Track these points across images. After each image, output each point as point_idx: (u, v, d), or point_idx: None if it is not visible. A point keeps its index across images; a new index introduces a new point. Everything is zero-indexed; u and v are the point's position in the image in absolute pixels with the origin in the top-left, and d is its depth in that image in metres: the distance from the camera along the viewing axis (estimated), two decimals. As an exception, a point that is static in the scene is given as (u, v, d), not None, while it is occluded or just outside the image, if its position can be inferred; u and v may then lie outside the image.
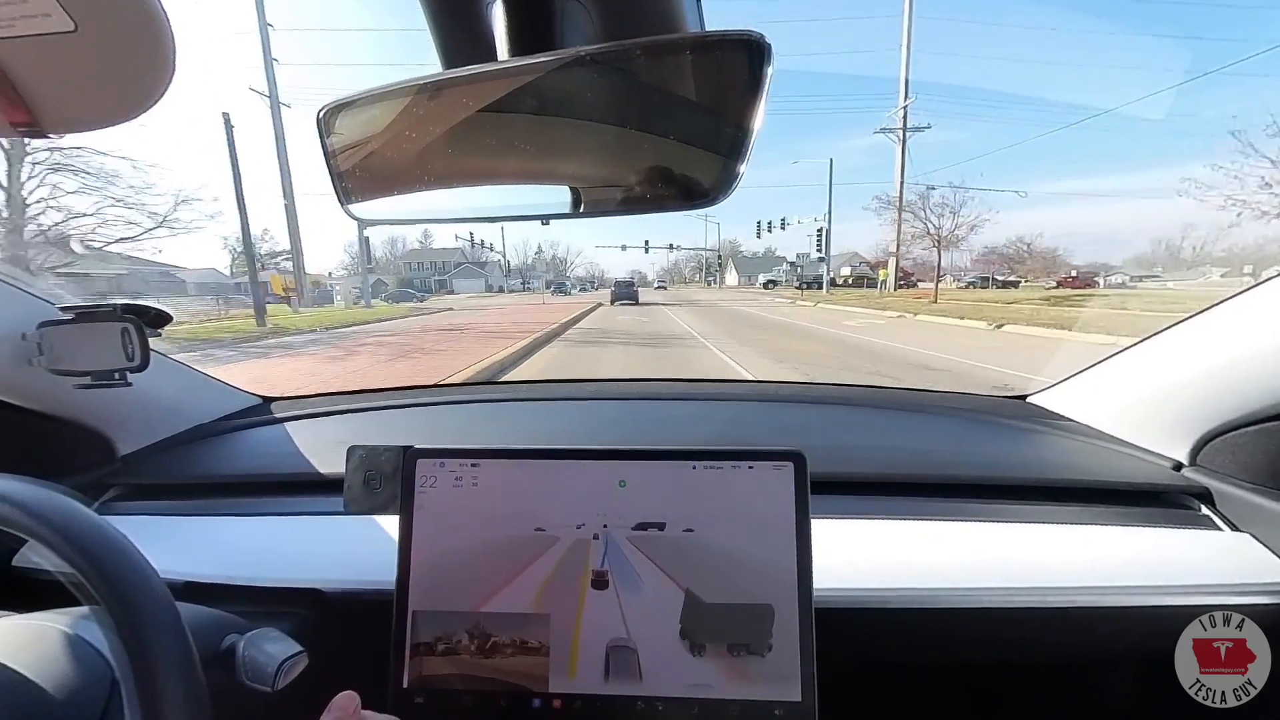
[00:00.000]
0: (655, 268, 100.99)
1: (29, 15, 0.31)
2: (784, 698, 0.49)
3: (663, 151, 0.46)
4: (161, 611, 0.41)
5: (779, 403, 1.18)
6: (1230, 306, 0.71)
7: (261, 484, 0.87)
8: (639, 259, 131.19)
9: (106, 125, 0.39)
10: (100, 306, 0.78)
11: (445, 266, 73.27)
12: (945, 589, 0.64)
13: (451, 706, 0.51)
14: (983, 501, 0.76)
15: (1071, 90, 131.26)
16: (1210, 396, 0.73)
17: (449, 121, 0.48)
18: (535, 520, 0.53)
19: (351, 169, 0.52)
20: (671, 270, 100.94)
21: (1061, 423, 0.96)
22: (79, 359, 0.77)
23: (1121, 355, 0.88)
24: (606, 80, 0.45)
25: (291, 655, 0.51)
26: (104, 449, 0.90)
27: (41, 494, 0.43)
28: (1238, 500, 0.70)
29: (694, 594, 0.51)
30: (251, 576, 0.68)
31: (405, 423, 1.11)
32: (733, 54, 0.41)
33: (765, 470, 0.52)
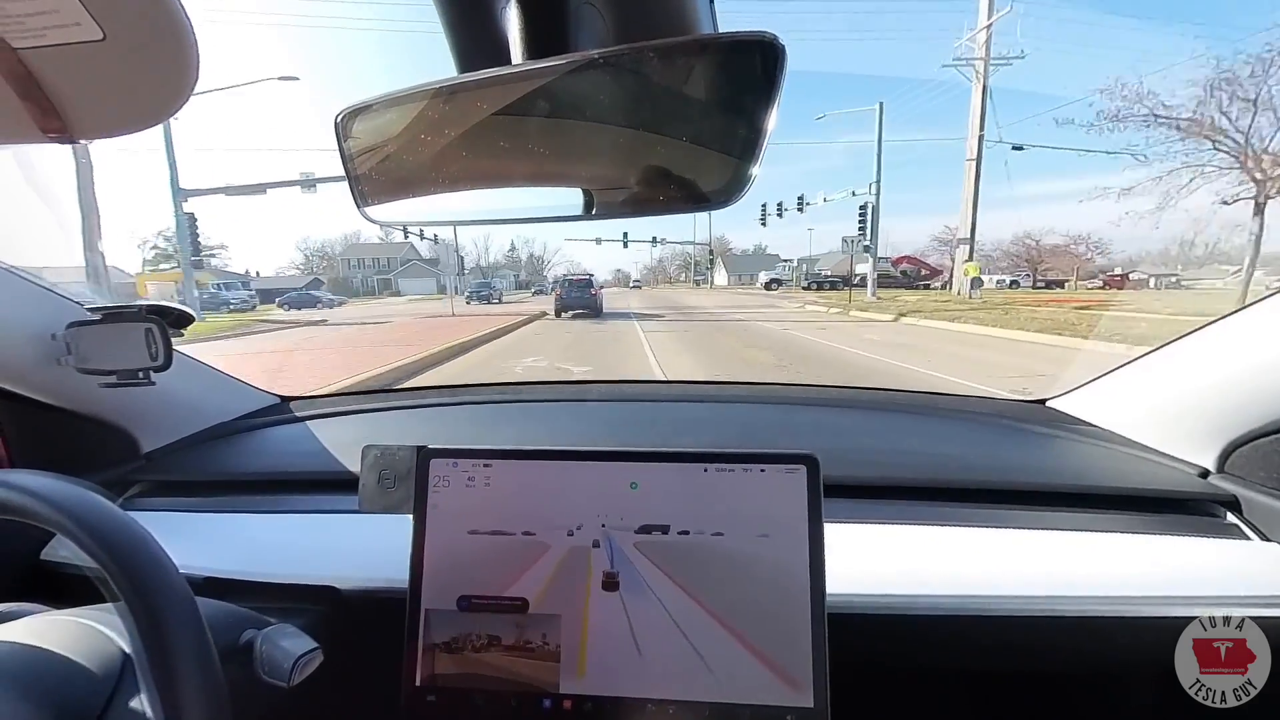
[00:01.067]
0: (639, 266, 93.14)
1: (59, 25, 0.32)
2: (796, 703, 0.48)
3: (675, 153, 0.46)
4: (180, 606, 0.42)
5: (792, 405, 1.17)
6: (1257, 311, 0.69)
7: (280, 482, 0.88)
8: (621, 255, 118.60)
9: (134, 130, 0.40)
10: (127, 307, 0.80)
11: (391, 264, 61.65)
12: (962, 596, 0.63)
13: (463, 705, 0.52)
14: (1001, 507, 0.75)
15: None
16: (1238, 402, 0.70)
17: (464, 124, 0.49)
18: (546, 520, 0.54)
19: (368, 172, 0.52)
20: (655, 269, 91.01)
21: (1082, 428, 0.93)
22: (105, 358, 0.79)
23: (1145, 359, 0.86)
24: (619, 82, 0.45)
25: (307, 651, 0.52)
26: (128, 446, 0.92)
27: (67, 489, 0.45)
28: (1268, 509, 0.68)
29: (704, 596, 0.51)
30: (269, 573, 0.69)
31: (420, 423, 1.12)
32: (746, 56, 0.41)
33: (778, 473, 0.52)
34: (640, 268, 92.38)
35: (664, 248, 77.29)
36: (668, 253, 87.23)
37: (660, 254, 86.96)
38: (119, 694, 0.44)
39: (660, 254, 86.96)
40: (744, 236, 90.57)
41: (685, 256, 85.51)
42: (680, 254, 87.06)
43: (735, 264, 73.67)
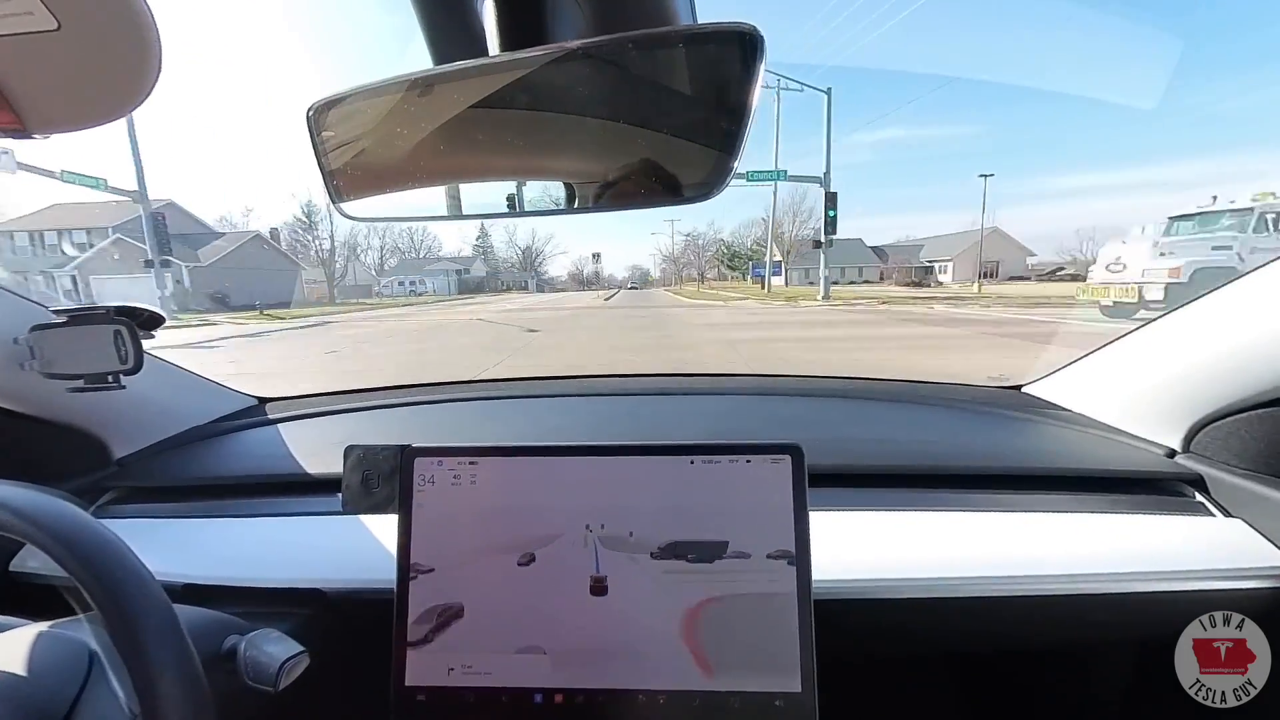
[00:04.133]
0: (657, 258, 72.34)
1: (11, 14, 0.30)
2: (784, 689, 0.49)
3: (655, 146, 0.46)
4: (158, 613, 0.41)
5: (776, 396, 1.18)
6: (1222, 295, 0.71)
7: (259, 485, 0.86)
8: (638, 249, 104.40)
9: (93, 125, 0.38)
10: (93, 309, 0.77)
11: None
12: (942, 579, 0.65)
13: (453, 704, 0.51)
14: (978, 491, 0.77)
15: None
16: (1203, 384, 0.73)
17: (440, 117, 0.48)
18: (534, 517, 0.53)
19: (342, 167, 0.51)
20: (679, 260, 65.77)
21: (1056, 412, 0.96)
22: (72, 362, 0.76)
23: (1116, 344, 0.89)
24: (598, 74, 0.45)
25: (293, 655, 0.51)
26: (99, 452, 0.89)
27: (35, 498, 0.43)
28: (1230, 486, 0.71)
29: (691, 587, 0.51)
30: (250, 578, 0.68)
31: (401, 422, 1.11)
32: (725, 46, 0.41)
33: (763, 464, 0.52)
34: (665, 259, 69.22)
35: (703, 233, 58.15)
36: (709, 238, 62.84)
37: (677, 242, 64.68)
38: (88, 689, 0.43)
39: (677, 242, 64.68)
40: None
41: (722, 245, 61.38)
42: (712, 243, 61.64)
43: (803, 259, 44.07)
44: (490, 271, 68.57)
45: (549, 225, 66.20)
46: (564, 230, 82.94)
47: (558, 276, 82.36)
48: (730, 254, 55.00)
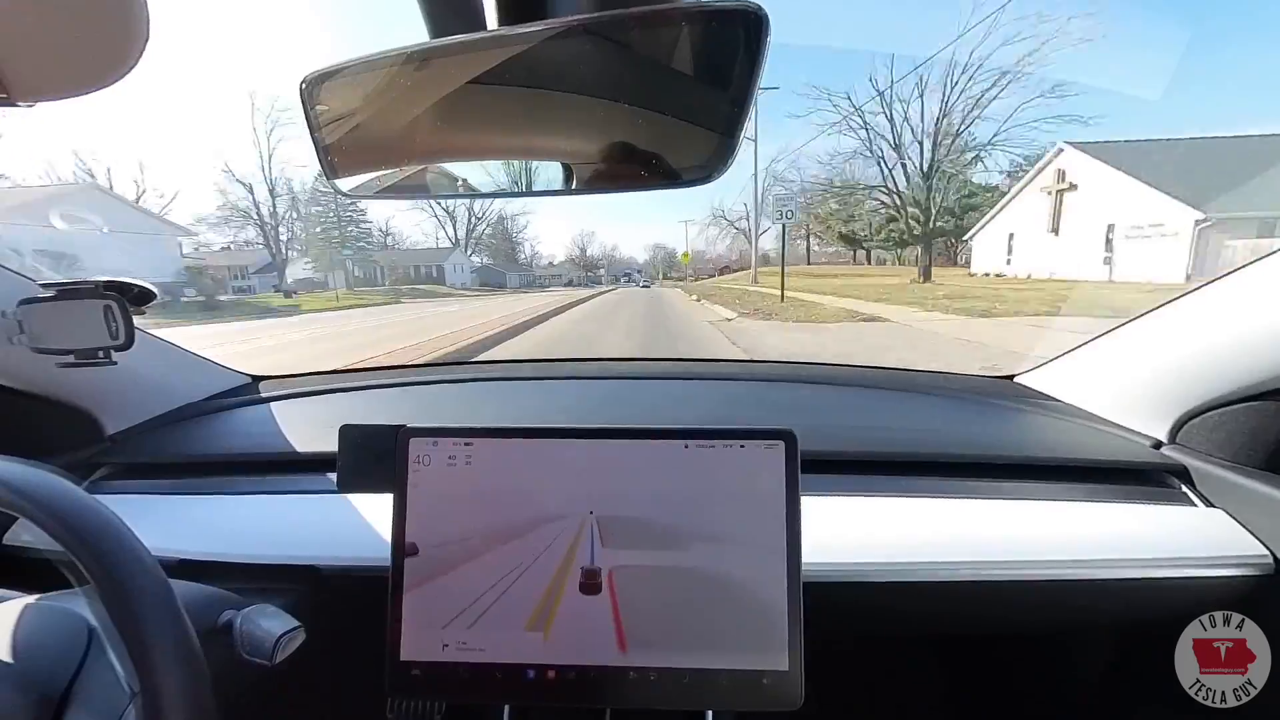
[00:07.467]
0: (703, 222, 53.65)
1: None
2: (772, 667, 0.50)
3: (656, 127, 0.45)
4: (154, 586, 0.41)
5: (771, 382, 1.18)
6: (1211, 290, 0.72)
7: (253, 463, 0.86)
8: (667, 230, 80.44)
9: (79, 93, 0.37)
10: (82, 284, 0.76)
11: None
12: (930, 563, 0.66)
13: (448, 678, 0.52)
14: (968, 479, 0.78)
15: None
16: (1190, 377, 0.74)
17: (436, 93, 0.47)
18: (528, 497, 0.54)
19: (338, 142, 0.50)
20: (700, 250, 52.27)
21: (1047, 402, 0.97)
22: (61, 337, 0.75)
23: (1107, 336, 0.89)
24: (599, 52, 0.44)
25: (289, 630, 0.52)
26: (91, 428, 0.89)
27: (29, 472, 0.43)
28: (1213, 477, 0.72)
29: (684, 568, 0.52)
30: (246, 554, 0.68)
31: (395, 402, 1.10)
32: (730, 26, 0.40)
33: (757, 449, 0.53)
34: (716, 217, 50.91)
35: (737, 214, 42.66)
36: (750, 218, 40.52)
37: (700, 227, 50.41)
38: (87, 664, 0.44)
39: (700, 227, 50.41)
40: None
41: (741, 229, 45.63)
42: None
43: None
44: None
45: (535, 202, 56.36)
46: (567, 204, 67.09)
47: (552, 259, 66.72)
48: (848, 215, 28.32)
